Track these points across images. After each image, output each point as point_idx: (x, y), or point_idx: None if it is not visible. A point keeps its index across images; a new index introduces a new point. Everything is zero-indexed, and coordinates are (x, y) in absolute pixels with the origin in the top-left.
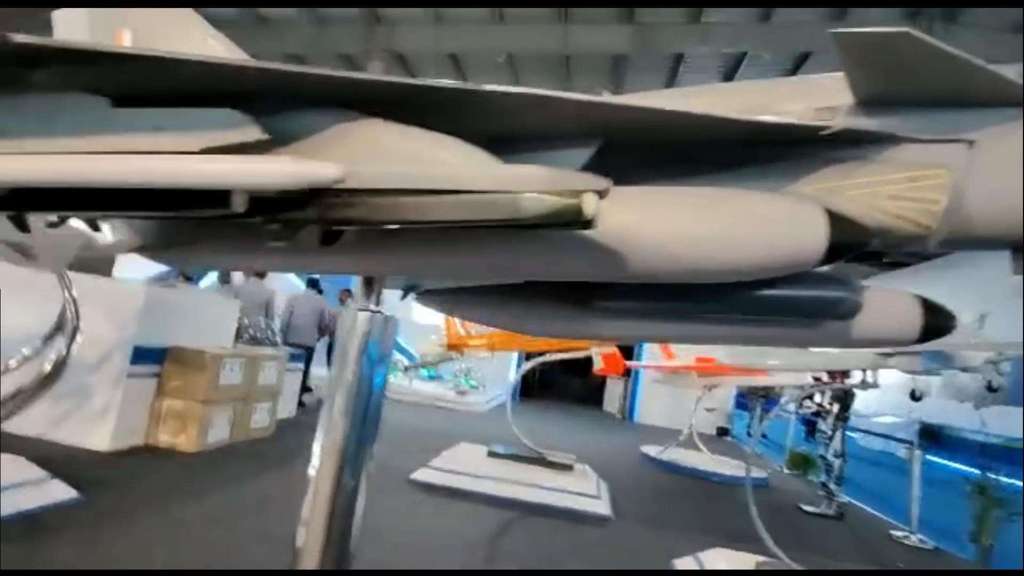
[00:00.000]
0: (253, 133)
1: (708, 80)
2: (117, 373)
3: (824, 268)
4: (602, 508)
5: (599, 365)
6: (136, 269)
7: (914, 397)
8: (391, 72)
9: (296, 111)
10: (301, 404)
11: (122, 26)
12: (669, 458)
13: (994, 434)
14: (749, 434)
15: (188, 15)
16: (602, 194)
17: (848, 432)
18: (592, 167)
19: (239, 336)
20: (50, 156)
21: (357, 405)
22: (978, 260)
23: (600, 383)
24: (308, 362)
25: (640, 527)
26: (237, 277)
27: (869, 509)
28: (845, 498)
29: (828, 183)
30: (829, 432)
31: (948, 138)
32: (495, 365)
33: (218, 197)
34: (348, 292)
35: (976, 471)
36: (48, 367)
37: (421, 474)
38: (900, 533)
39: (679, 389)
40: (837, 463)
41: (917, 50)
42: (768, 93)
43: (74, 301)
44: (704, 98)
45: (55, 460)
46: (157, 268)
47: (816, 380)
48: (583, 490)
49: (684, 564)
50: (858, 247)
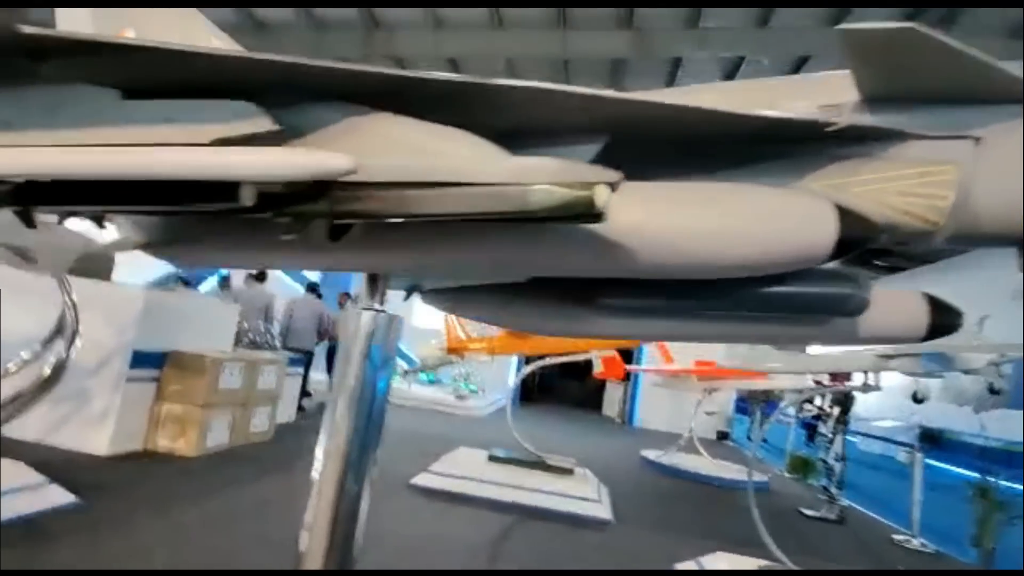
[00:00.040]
0: (264, 124)
1: None
2: (116, 377)
3: (832, 264)
4: (603, 512)
5: (599, 369)
6: (136, 274)
7: (916, 399)
8: None
9: (305, 105)
10: (300, 408)
11: (125, 26)
12: (669, 462)
13: (994, 438)
14: (749, 438)
15: (192, 15)
16: (614, 186)
17: (848, 436)
18: (598, 163)
19: (239, 340)
20: (59, 148)
21: (361, 409)
22: (977, 263)
23: (599, 387)
24: (308, 366)
25: (641, 531)
26: (236, 281)
27: (870, 513)
28: (846, 502)
29: (835, 179)
30: (830, 435)
31: (955, 134)
32: (494, 369)
33: (226, 191)
34: (347, 295)
35: (976, 475)
36: (47, 371)
37: (421, 479)
38: (902, 537)
39: (679, 393)
40: (838, 467)
41: (923, 46)
42: (771, 91)
43: (74, 305)
44: (707, 96)
45: (54, 465)
46: (156, 273)
47: (817, 383)
48: (583, 494)
49: (687, 568)
50: (866, 242)
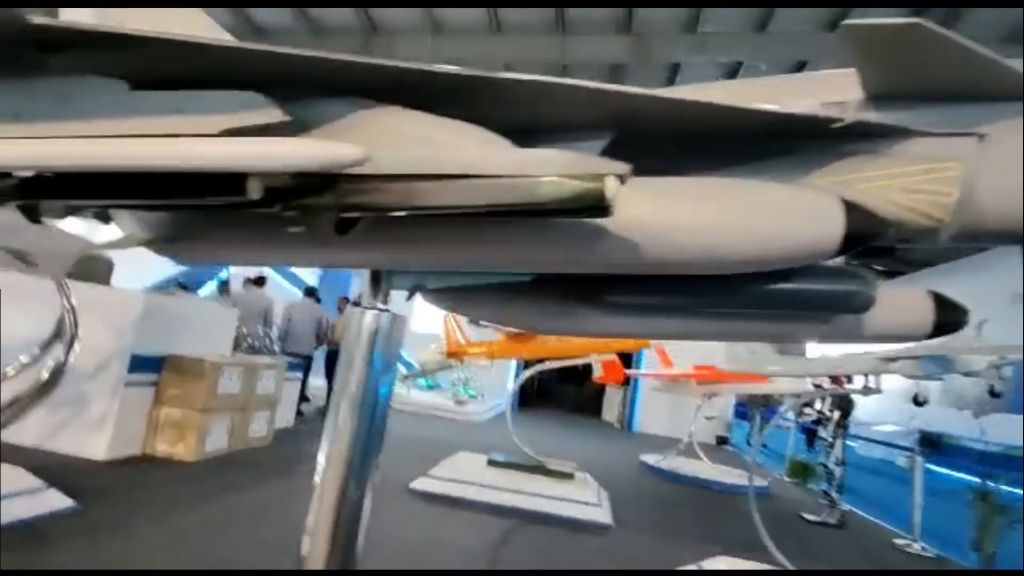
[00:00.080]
0: (274, 114)
1: None
2: (115, 381)
3: (838, 261)
4: (603, 516)
5: (599, 373)
6: (135, 278)
7: (917, 402)
8: None
9: (312, 99)
10: (299, 413)
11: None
12: (669, 467)
13: (994, 442)
14: (748, 443)
15: (197, 15)
16: (623, 178)
17: (848, 440)
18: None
19: (237, 345)
20: (68, 140)
21: (363, 413)
22: (976, 267)
23: (599, 392)
24: (307, 371)
25: (641, 535)
26: (235, 285)
27: (870, 517)
28: (846, 506)
29: (839, 176)
30: (830, 439)
31: (960, 131)
32: (493, 375)
33: (234, 184)
34: (346, 300)
35: (976, 479)
36: (46, 375)
37: (420, 483)
38: (902, 541)
39: (678, 397)
40: (838, 471)
41: (929, 41)
42: (774, 88)
43: (72, 309)
44: (711, 93)
45: (52, 469)
46: (156, 277)
47: (816, 387)
48: (584, 498)
49: (688, 569)
50: (873, 237)
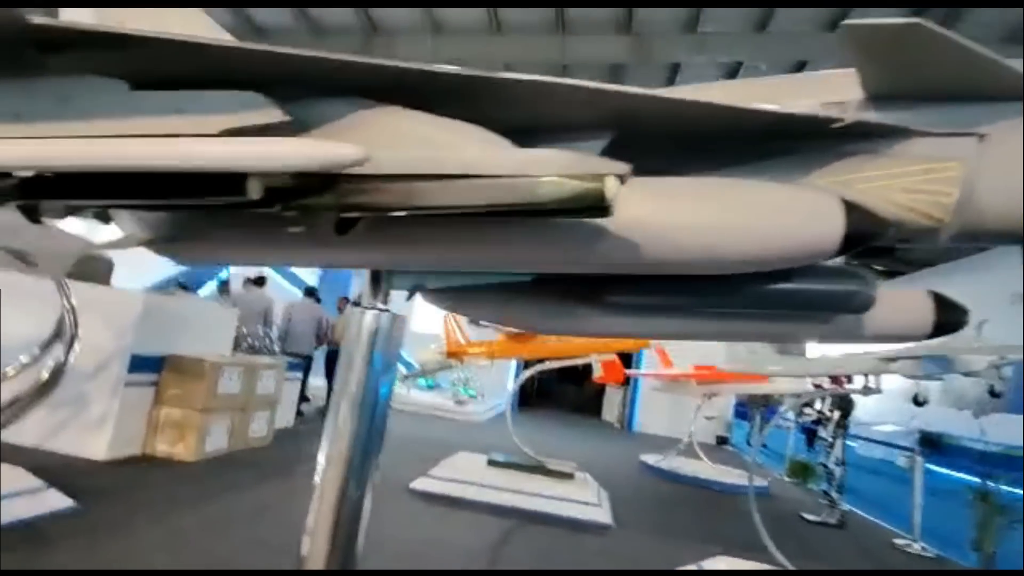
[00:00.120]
0: (274, 114)
1: None
2: (115, 381)
3: (838, 261)
4: (603, 516)
5: (599, 373)
6: (135, 278)
7: (917, 402)
8: None
9: (312, 100)
10: (299, 413)
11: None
12: (669, 467)
13: (993, 442)
14: (749, 443)
15: (197, 15)
16: (623, 178)
17: (848, 441)
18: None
19: (237, 345)
20: (66, 140)
21: (363, 412)
22: (975, 268)
23: (598, 392)
24: (307, 372)
25: (641, 535)
26: (235, 285)
27: (870, 518)
28: (846, 506)
29: (839, 176)
30: (830, 439)
31: (960, 131)
32: (493, 375)
33: (234, 184)
34: (346, 300)
35: (975, 479)
36: (46, 375)
37: (420, 483)
38: (902, 541)
39: (678, 397)
40: (838, 471)
41: (929, 41)
42: (774, 88)
43: (72, 309)
44: (711, 93)
45: (52, 469)
46: (156, 277)
47: (816, 386)
48: (584, 498)
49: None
50: (874, 237)
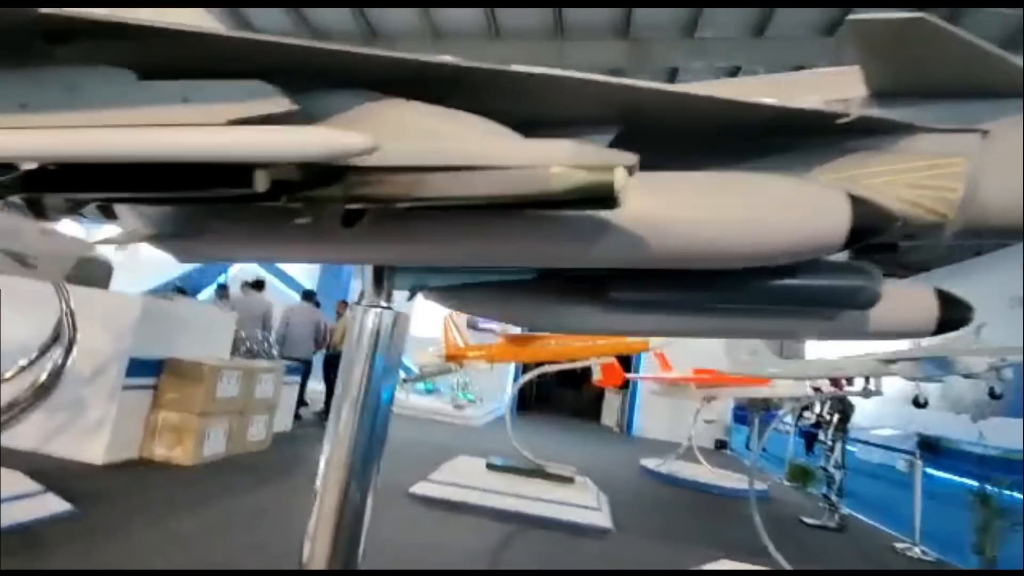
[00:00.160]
0: (281, 103)
1: None
2: (113, 385)
3: (843, 256)
4: (603, 520)
5: (598, 376)
6: (133, 282)
7: (917, 404)
8: None
9: (319, 91)
10: (297, 417)
11: None
12: (668, 471)
13: (992, 446)
14: (748, 447)
15: (201, 16)
16: (631, 169)
17: (847, 444)
18: None
19: (236, 349)
20: (73, 130)
21: (365, 416)
22: (975, 271)
23: (598, 396)
24: (305, 376)
25: (641, 540)
26: (234, 289)
27: (870, 521)
28: (846, 510)
29: (844, 172)
30: (829, 443)
31: (964, 127)
32: (492, 379)
33: (240, 176)
34: (345, 304)
35: (974, 483)
36: (44, 378)
37: (420, 487)
38: (903, 545)
39: (677, 402)
40: (838, 475)
41: (933, 37)
42: (778, 86)
43: (71, 312)
44: (716, 90)
45: (49, 473)
46: (154, 281)
47: (816, 390)
48: (583, 502)
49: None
50: (880, 231)
